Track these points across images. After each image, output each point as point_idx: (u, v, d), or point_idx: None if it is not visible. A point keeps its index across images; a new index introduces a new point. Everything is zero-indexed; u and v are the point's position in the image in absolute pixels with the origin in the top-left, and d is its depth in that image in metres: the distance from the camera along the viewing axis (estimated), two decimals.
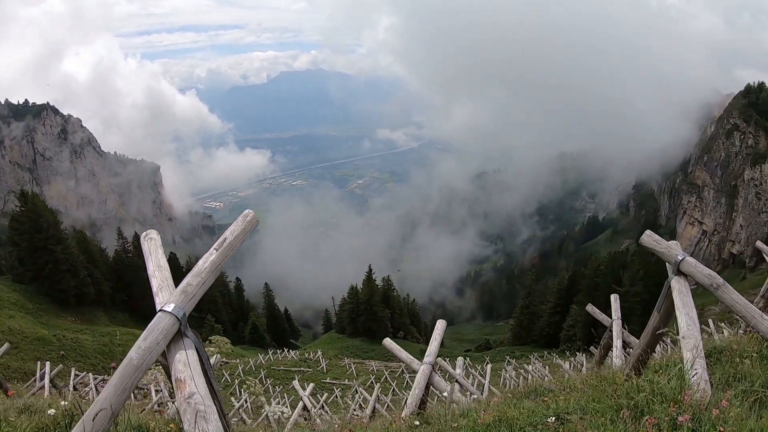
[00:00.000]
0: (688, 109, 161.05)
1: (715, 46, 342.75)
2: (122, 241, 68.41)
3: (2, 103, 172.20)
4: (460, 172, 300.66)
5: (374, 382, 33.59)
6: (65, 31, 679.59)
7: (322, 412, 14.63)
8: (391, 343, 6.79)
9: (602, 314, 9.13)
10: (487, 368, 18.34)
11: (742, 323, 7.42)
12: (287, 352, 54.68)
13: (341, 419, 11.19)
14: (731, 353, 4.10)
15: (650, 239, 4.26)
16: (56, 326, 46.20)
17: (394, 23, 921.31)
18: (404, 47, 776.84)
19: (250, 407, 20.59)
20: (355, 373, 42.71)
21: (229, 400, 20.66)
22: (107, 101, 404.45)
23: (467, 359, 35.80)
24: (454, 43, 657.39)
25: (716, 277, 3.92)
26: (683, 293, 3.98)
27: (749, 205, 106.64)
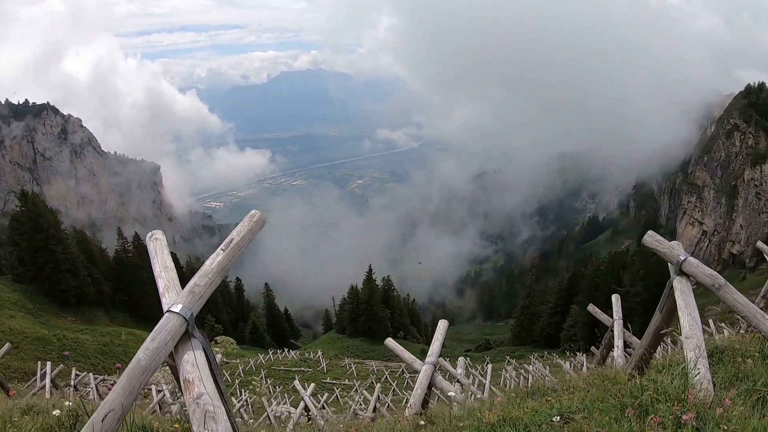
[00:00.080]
0: (688, 109, 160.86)
1: (715, 46, 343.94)
2: (122, 241, 68.33)
3: (2, 103, 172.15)
4: (460, 172, 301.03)
5: (374, 382, 33.60)
6: (65, 30, 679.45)
7: (324, 412, 14.63)
8: (393, 343, 6.81)
9: (603, 314, 9.16)
10: (487, 368, 18.36)
11: (743, 323, 7.44)
12: (287, 352, 54.73)
13: (345, 419, 11.20)
14: (733, 353, 4.12)
15: (652, 239, 4.29)
16: (56, 326, 46.20)
17: (394, 23, 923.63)
18: (404, 47, 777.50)
19: (250, 407, 20.61)
20: (355, 373, 42.74)
21: (229, 400, 20.64)
22: (107, 101, 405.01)
23: (467, 359, 35.79)
24: (454, 43, 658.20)
25: (718, 277, 3.94)
26: (685, 293, 4.00)
27: (749, 205, 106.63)
